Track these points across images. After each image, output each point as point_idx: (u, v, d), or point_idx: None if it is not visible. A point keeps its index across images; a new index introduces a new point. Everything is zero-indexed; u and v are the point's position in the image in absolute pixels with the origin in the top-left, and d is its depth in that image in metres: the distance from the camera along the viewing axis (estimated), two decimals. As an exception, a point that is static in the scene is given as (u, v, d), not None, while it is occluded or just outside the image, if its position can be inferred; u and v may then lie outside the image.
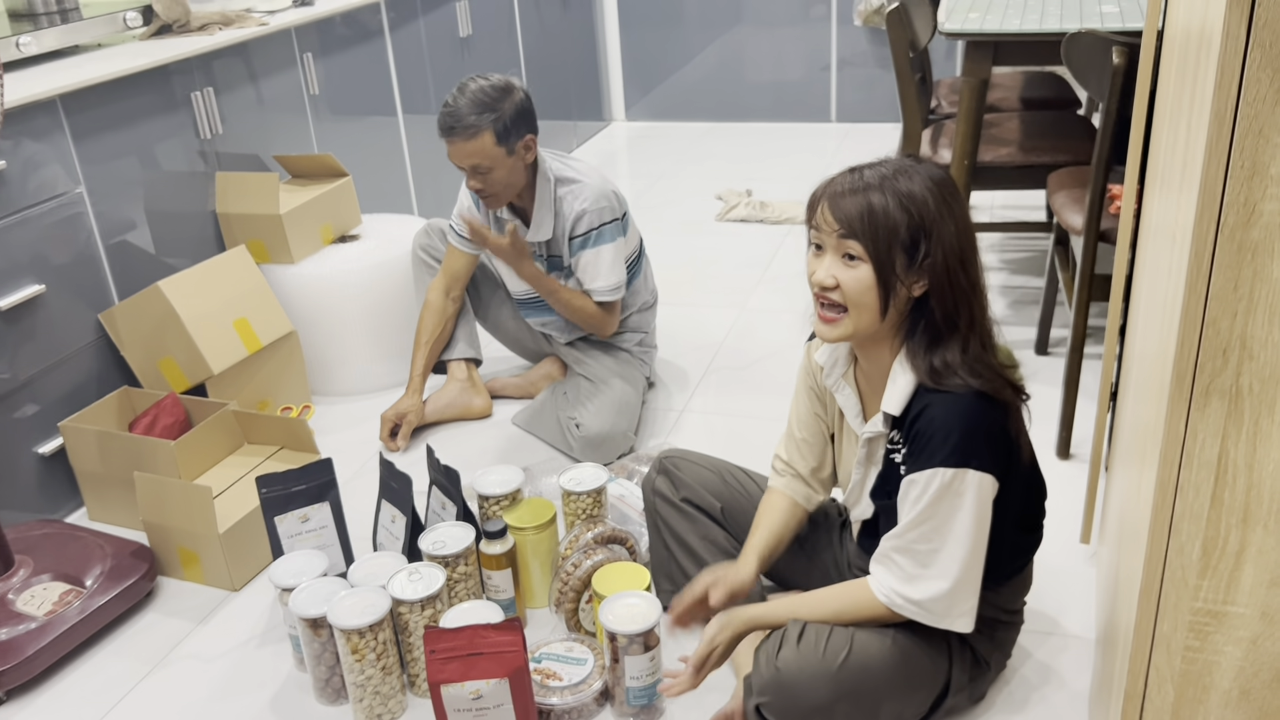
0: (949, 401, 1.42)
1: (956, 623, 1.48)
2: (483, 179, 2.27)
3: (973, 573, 1.47)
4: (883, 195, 1.40)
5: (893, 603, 1.49)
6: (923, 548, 1.46)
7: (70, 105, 2.30)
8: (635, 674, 1.64)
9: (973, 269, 1.45)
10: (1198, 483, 1.05)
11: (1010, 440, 1.46)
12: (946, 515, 1.43)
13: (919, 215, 1.40)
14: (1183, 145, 1.13)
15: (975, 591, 1.48)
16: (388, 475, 2.00)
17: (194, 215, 2.67)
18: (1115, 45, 1.99)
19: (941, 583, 1.46)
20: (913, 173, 1.43)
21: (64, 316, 2.32)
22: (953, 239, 1.41)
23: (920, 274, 1.42)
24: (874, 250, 1.40)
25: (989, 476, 1.43)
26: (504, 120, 2.23)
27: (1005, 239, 3.53)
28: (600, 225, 2.37)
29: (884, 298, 1.43)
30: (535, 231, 2.40)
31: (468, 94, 2.22)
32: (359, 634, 1.66)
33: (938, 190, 1.41)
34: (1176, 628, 1.12)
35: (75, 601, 1.95)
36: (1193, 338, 0.99)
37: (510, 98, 2.25)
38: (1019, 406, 1.49)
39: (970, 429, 1.41)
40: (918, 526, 1.45)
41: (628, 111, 5.35)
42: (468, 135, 2.21)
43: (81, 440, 2.25)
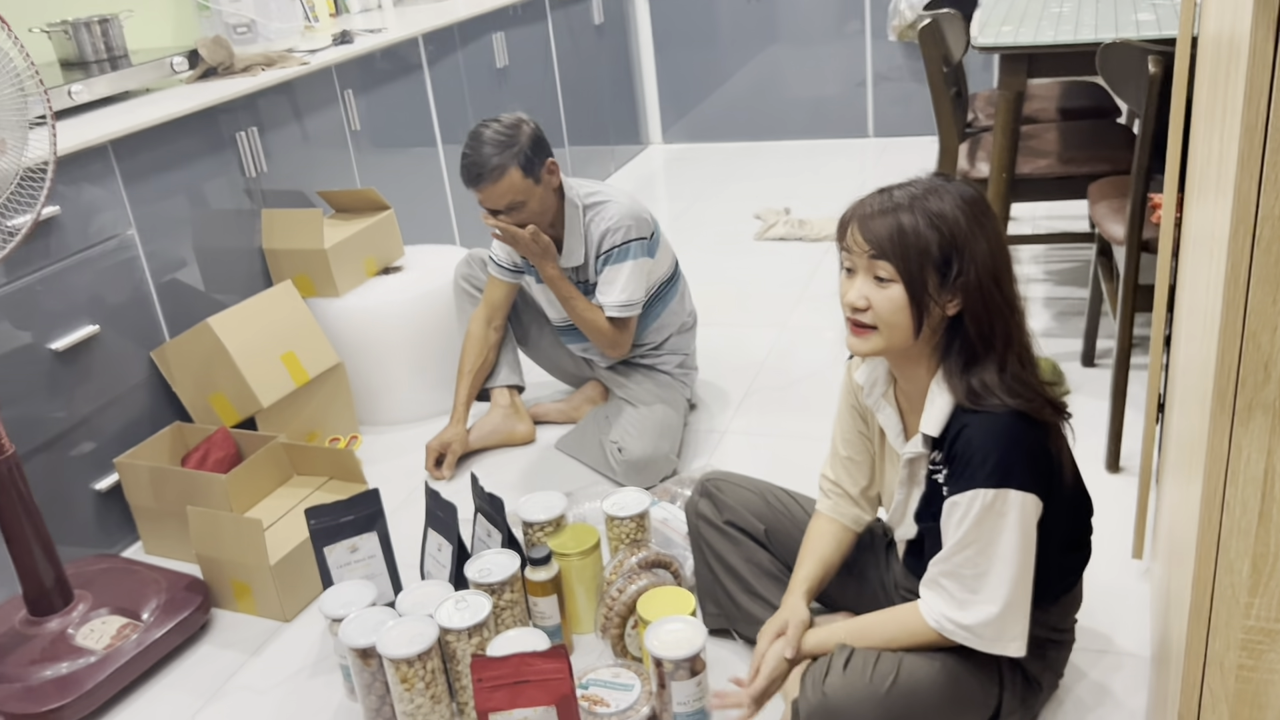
0: (987, 421, 1.41)
1: (1009, 647, 1.47)
2: (517, 216, 2.30)
3: (1021, 595, 1.45)
4: (913, 215, 1.40)
5: (943, 628, 1.48)
6: (969, 572, 1.45)
7: (121, 150, 2.37)
8: (682, 699, 1.64)
9: (1008, 286, 1.44)
10: (1244, 499, 1.03)
11: (1051, 459, 1.45)
12: (990, 537, 1.42)
13: (950, 234, 1.40)
14: (1217, 155, 1.12)
15: (1025, 614, 1.46)
16: (433, 504, 2.02)
17: (241, 252, 2.73)
18: (1151, 54, 1.97)
19: (991, 607, 1.44)
20: (943, 192, 1.42)
21: (117, 355, 2.38)
22: (986, 257, 1.41)
23: (953, 293, 1.41)
24: (905, 270, 1.40)
25: (1031, 496, 1.41)
26: (524, 152, 2.26)
27: (1048, 250, 3.49)
28: (624, 243, 2.39)
29: (917, 317, 1.42)
30: (567, 258, 2.43)
31: (484, 140, 2.26)
32: (408, 663, 1.67)
33: (969, 208, 1.41)
34: (1229, 646, 1.10)
35: (132, 635, 1.99)
36: (1233, 352, 0.98)
37: (523, 130, 2.28)
38: (1059, 425, 1.47)
39: (1009, 449, 1.40)
40: (963, 550, 1.44)
41: (664, 134, 5.38)
42: (496, 176, 2.24)
43: (136, 476, 2.31)
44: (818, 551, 1.71)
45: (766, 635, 1.63)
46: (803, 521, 1.84)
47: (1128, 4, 2.70)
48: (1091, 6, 2.72)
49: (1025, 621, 1.47)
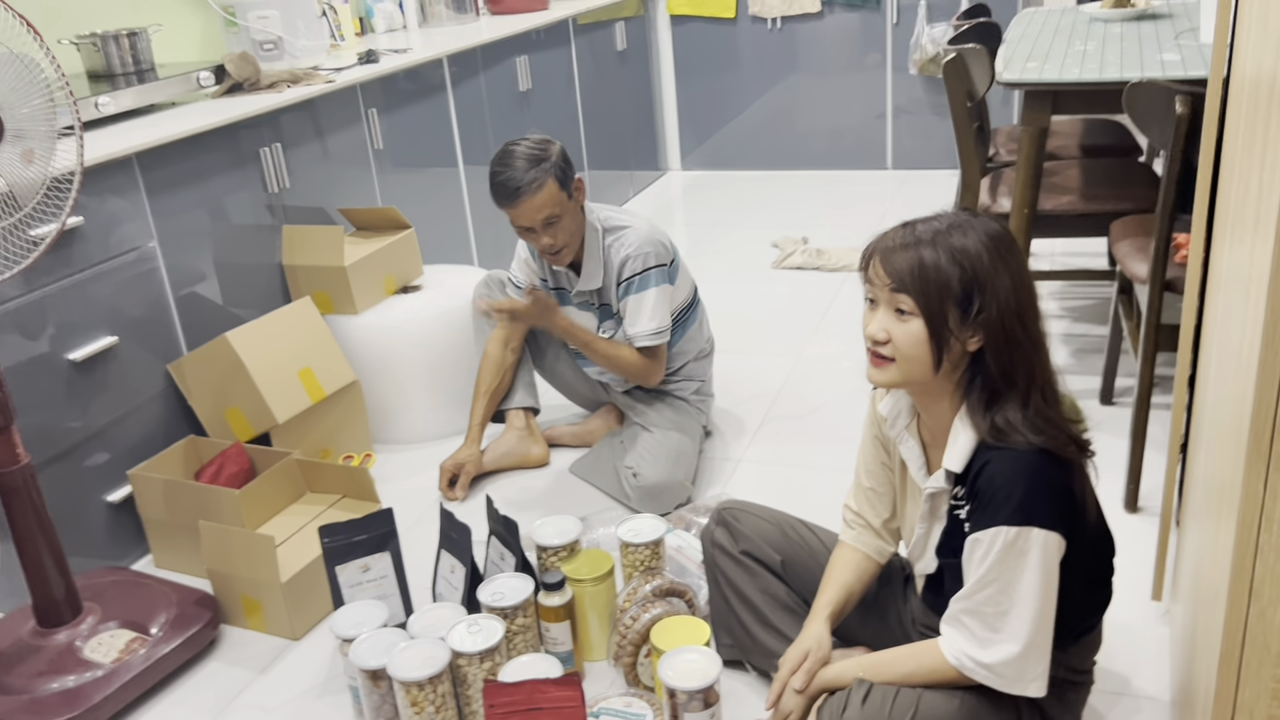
0: (1011, 459, 1.40)
1: (1030, 688, 1.45)
2: (553, 231, 2.30)
3: (1043, 635, 1.43)
4: (935, 250, 1.40)
5: (964, 666, 1.47)
6: (990, 610, 1.43)
7: (146, 162, 2.38)
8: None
9: (1032, 323, 1.43)
10: (1278, 545, 1.01)
11: (1074, 498, 1.43)
12: (1012, 576, 1.41)
13: (972, 269, 1.39)
14: (1255, 194, 1.11)
15: (1046, 655, 1.45)
16: (447, 525, 2.01)
17: (261, 267, 2.73)
18: (1179, 94, 1.97)
19: (1013, 646, 1.42)
20: (968, 227, 1.42)
21: (135, 367, 2.38)
22: (1008, 293, 1.40)
23: (975, 329, 1.41)
24: (925, 304, 1.40)
25: (1054, 535, 1.40)
26: (559, 165, 2.28)
27: (1066, 287, 3.48)
28: (644, 270, 2.38)
29: (937, 351, 1.42)
30: (586, 281, 2.43)
31: (516, 155, 2.26)
32: (418, 686, 1.66)
33: (992, 244, 1.40)
34: (1259, 696, 1.08)
35: (141, 649, 1.98)
36: (1270, 395, 0.97)
37: (554, 146, 2.31)
38: (1083, 463, 1.46)
39: (1033, 486, 1.39)
40: (985, 588, 1.43)
41: (683, 161, 5.39)
42: (535, 189, 2.24)
43: (149, 489, 2.30)
44: (841, 578, 1.69)
45: (788, 663, 1.62)
46: (820, 554, 1.83)
47: (1153, 44, 2.70)
48: (1116, 46, 2.72)
49: (1046, 662, 1.45)
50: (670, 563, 2.07)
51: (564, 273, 2.49)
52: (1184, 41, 2.69)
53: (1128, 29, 2.96)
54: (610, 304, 2.47)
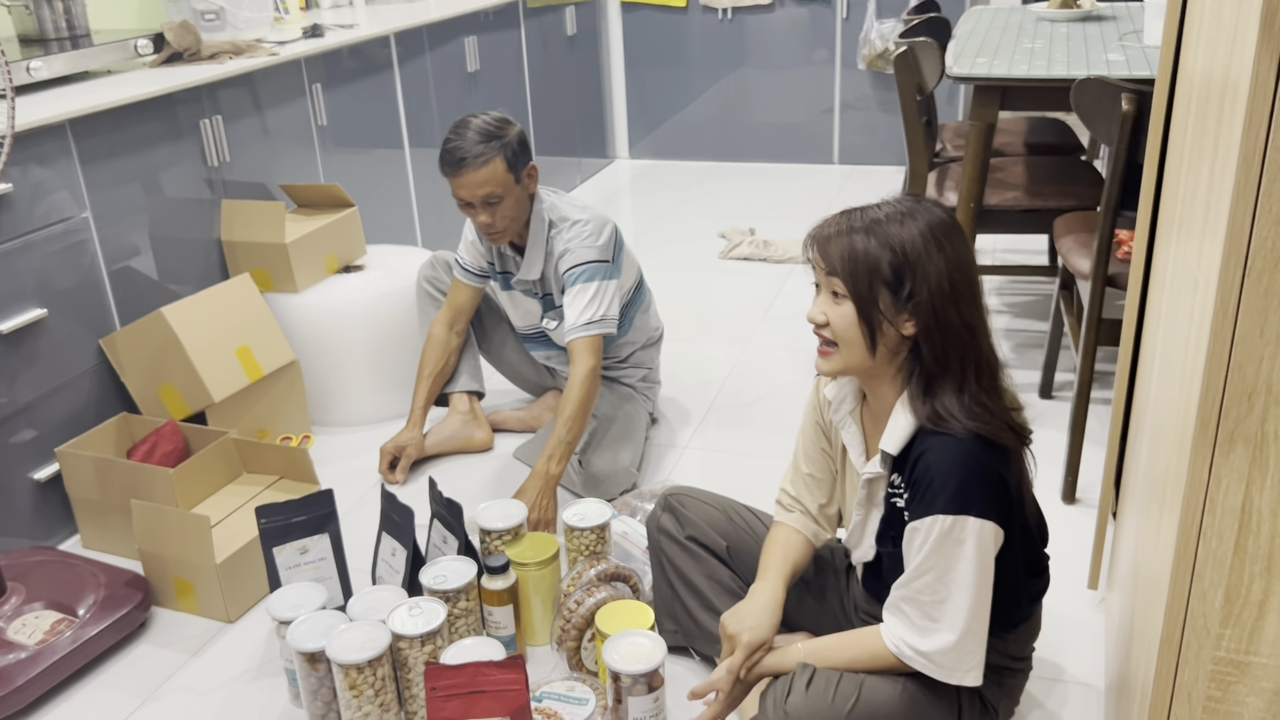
0: (948, 446, 1.41)
1: (966, 677, 1.46)
2: (493, 211, 2.26)
3: (979, 624, 1.45)
4: (867, 235, 1.42)
5: (902, 653, 1.48)
6: (928, 598, 1.44)
7: (79, 130, 2.30)
8: (639, 715, 1.61)
9: (968, 309, 1.43)
10: (1221, 530, 1.03)
11: (1010, 487, 1.45)
12: (948, 564, 1.42)
13: (903, 253, 1.40)
14: (1205, 190, 1.13)
15: (983, 644, 1.46)
16: (389, 508, 1.97)
17: (199, 242, 2.66)
18: (1125, 92, 2.00)
19: (949, 635, 1.44)
20: (909, 215, 1.42)
21: (65, 341, 2.31)
22: (941, 278, 1.40)
23: (908, 312, 1.42)
24: (853, 286, 1.42)
25: (990, 524, 1.41)
26: (512, 147, 2.24)
27: (1007, 283, 3.53)
28: (582, 264, 2.32)
29: (869, 335, 1.43)
30: (527, 269, 2.40)
31: (471, 128, 2.23)
32: (358, 669, 1.63)
33: (929, 230, 1.41)
34: (1198, 678, 1.10)
35: (67, 631, 1.91)
36: (1217, 383, 0.98)
37: (512, 128, 2.26)
38: (1020, 450, 1.47)
39: (968, 476, 1.40)
40: (922, 576, 1.44)
41: (631, 149, 5.38)
42: (480, 164, 2.20)
43: (78, 467, 2.23)
44: (783, 550, 1.68)
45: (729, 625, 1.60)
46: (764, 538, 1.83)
47: (1098, 44, 2.74)
48: (1063, 44, 2.76)
49: (982, 651, 1.46)
50: (615, 548, 2.06)
51: (510, 257, 2.46)
52: (1128, 43, 2.74)
53: (1074, 29, 3.01)
54: (552, 295, 2.44)
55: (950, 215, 1.46)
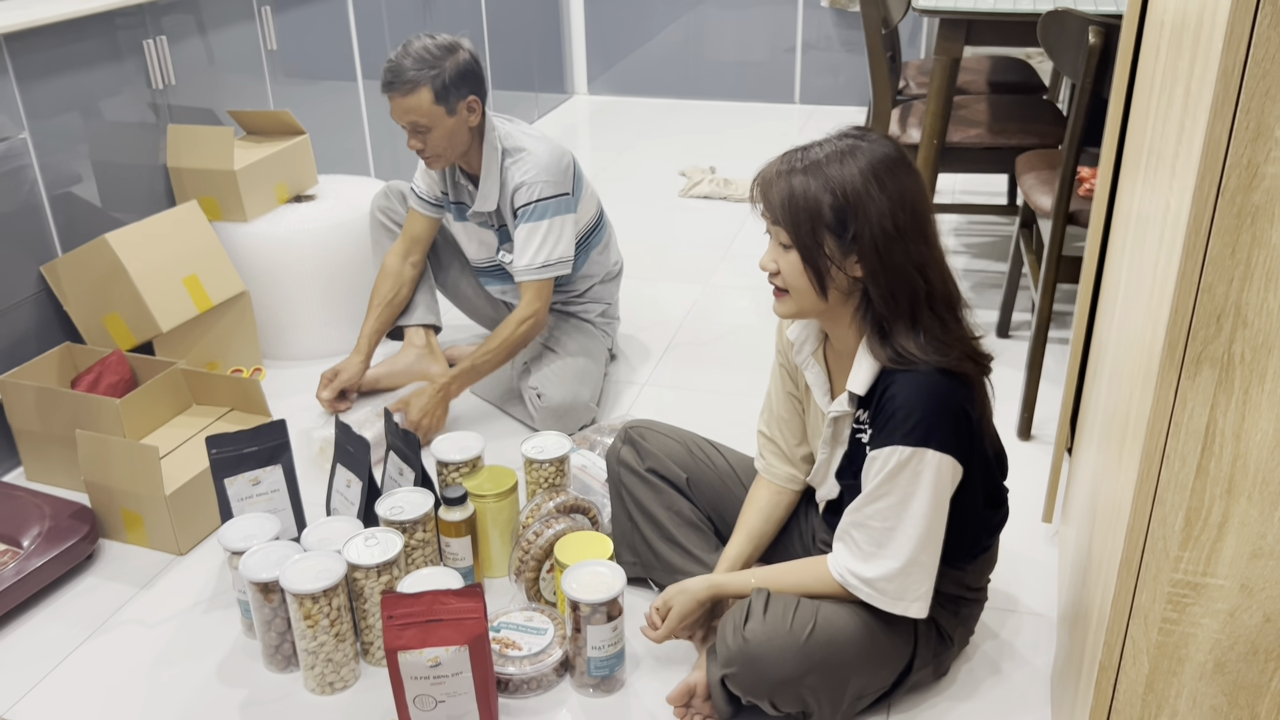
0: (912, 381, 1.41)
1: (911, 607, 1.46)
2: (421, 139, 2.22)
3: (928, 555, 1.45)
4: (806, 178, 1.39)
5: (846, 581, 1.48)
6: (878, 524, 1.44)
7: (15, 47, 2.20)
8: (597, 644, 1.61)
9: (916, 246, 1.40)
10: (1184, 452, 1.03)
11: (972, 420, 1.44)
12: (904, 494, 1.42)
13: (843, 195, 1.37)
14: (1179, 113, 1.12)
15: (931, 576, 1.46)
16: (344, 438, 1.94)
17: (143, 168, 2.57)
18: (1092, 25, 1.98)
19: (893, 562, 1.44)
20: (850, 154, 1.39)
21: (3, 267, 2.22)
22: (883, 217, 1.37)
23: (856, 255, 1.40)
24: (796, 235, 1.41)
25: (949, 458, 1.41)
26: (443, 78, 2.17)
27: (965, 223, 3.54)
28: (537, 200, 2.28)
29: (817, 281, 1.42)
30: (482, 201, 2.35)
31: (411, 51, 2.18)
32: (312, 599, 1.60)
33: (871, 168, 1.38)
34: (1155, 599, 1.11)
35: (11, 563, 1.87)
36: (1187, 303, 0.98)
37: (453, 57, 2.19)
38: (981, 380, 1.47)
39: (932, 408, 1.39)
40: (874, 502, 1.44)
41: (590, 85, 5.29)
42: (405, 91, 2.16)
43: (20, 397, 2.16)
44: (749, 525, 1.70)
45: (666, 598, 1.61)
46: (725, 472, 1.83)
47: (1064, -20, 2.72)
48: (1029, -20, 2.73)
49: (929, 583, 1.46)
50: (574, 481, 2.04)
51: (464, 187, 2.40)
52: (1094, -20, 2.71)
53: (1039, -34, 2.98)
54: (508, 226, 2.39)
55: (895, 148, 1.42)
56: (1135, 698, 1.17)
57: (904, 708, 1.63)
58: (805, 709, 1.51)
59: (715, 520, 1.80)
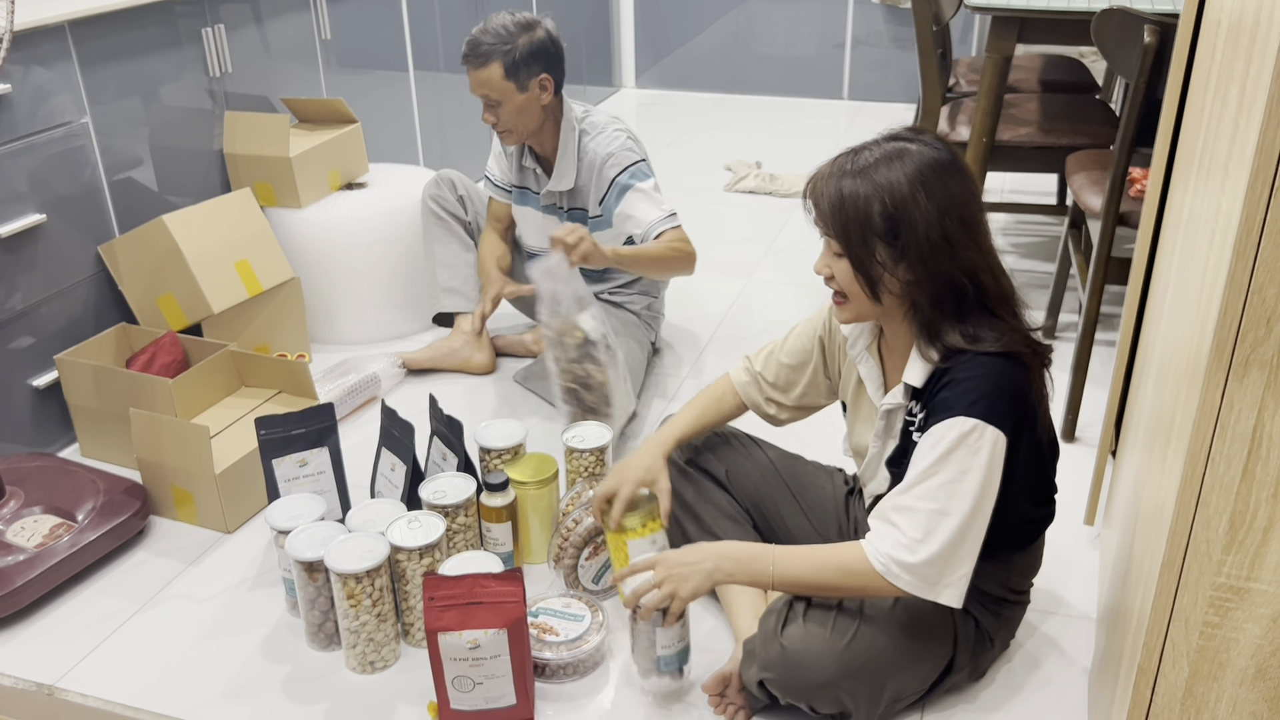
0: (972, 362, 1.40)
1: (944, 594, 1.40)
2: (493, 112, 2.28)
3: (971, 540, 1.39)
4: (855, 183, 1.39)
5: (888, 570, 1.39)
6: (926, 506, 1.38)
7: (79, 33, 2.25)
8: (666, 643, 1.58)
9: (966, 251, 1.39)
10: (1230, 455, 1.03)
11: (1029, 404, 1.43)
12: (958, 471, 1.37)
13: (891, 203, 1.37)
14: (1233, 113, 1.11)
15: (970, 562, 1.40)
16: (389, 423, 1.97)
17: (200, 154, 2.62)
18: (1148, 24, 1.96)
19: (937, 546, 1.37)
20: (898, 157, 1.38)
21: (64, 248, 2.28)
22: (930, 227, 1.36)
23: (906, 262, 1.39)
24: (848, 246, 1.41)
25: (1004, 437, 1.38)
26: (515, 54, 2.21)
27: (1014, 223, 3.50)
28: (635, 162, 2.32)
29: (869, 288, 1.42)
30: (557, 180, 2.38)
31: (491, 24, 2.24)
32: (356, 579, 1.63)
33: (918, 173, 1.37)
34: (1197, 603, 1.10)
35: (66, 535, 1.92)
36: (1236, 305, 0.97)
37: (528, 34, 2.24)
38: (1040, 368, 1.46)
39: (993, 385, 1.38)
40: (924, 480, 1.38)
41: (638, 78, 5.30)
42: (478, 64, 2.22)
43: (77, 374, 2.22)
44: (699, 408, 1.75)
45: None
46: (764, 465, 1.83)
47: (1120, -21, 2.68)
48: (1084, -22, 2.70)
49: (967, 570, 1.40)
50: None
51: (530, 170, 2.43)
52: (1151, -21, 2.68)
53: (1095, -36, 2.94)
54: (584, 208, 2.41)
55: (946, 151, 1.41)
56: (1174, 701, 1.16)
57: (939, 708, 1.63)
58: (843, 710, 1.51)
59: (754, 514, 1.81)
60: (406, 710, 1.64)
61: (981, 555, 1.45)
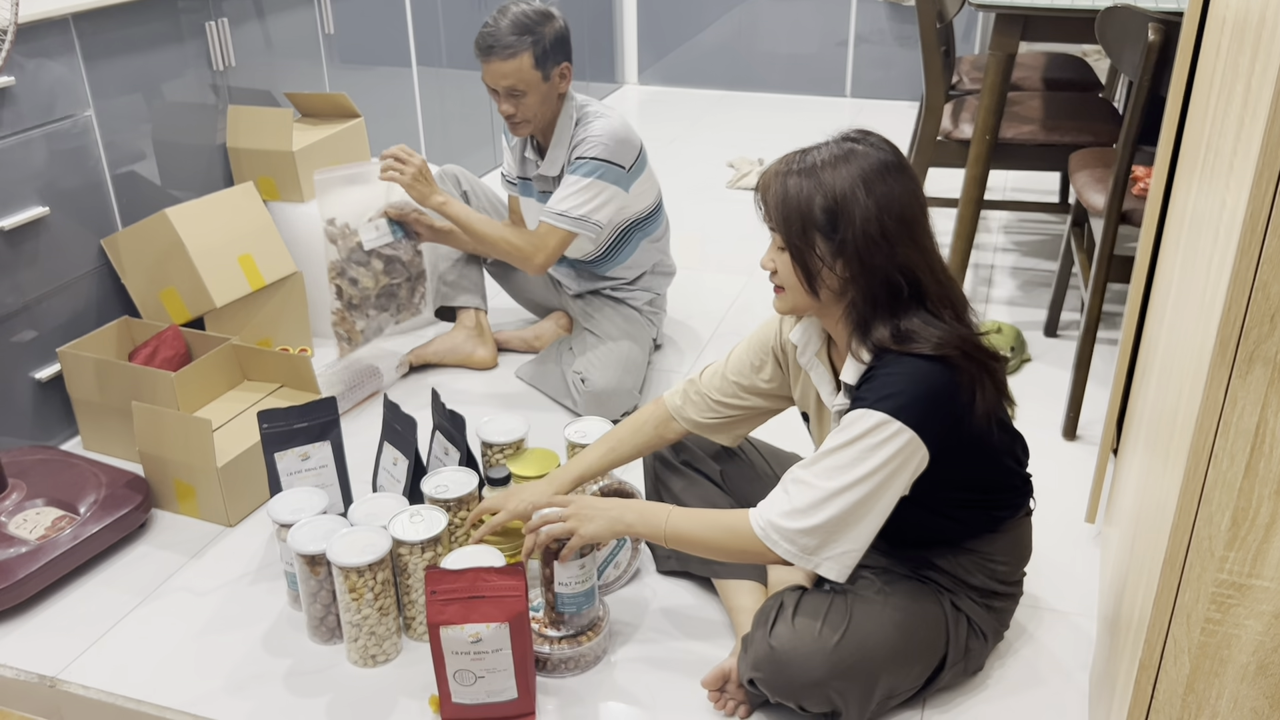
0: (895, 361, 1.40)
1: (824, 565, 1.40)
2: (515, 103, 2.27)
3: (861, 524, 1.39)
4: (800, 180, 1.41)
5: (765, 535, 1.41)
6: (820, 483, 1.39)
7: (83, 26, 2.25)
8: (565, 580, 1.63)
9: (904, 250, 1.39)
10: (1233, 451, 1.03)
11: (955, 405, 1.40)
12: (856, 456, 1.37)
13: (833, 198, 1.39)
14: (1239, 110, 1.11)
15: (857, 544, 1.40)
16: (392, 417, 1.97)
17: (202, 148, 2.62)
18: (1152, 22, 1.96)
19: (820, 518, 1.38)
20: (845, 157, 1.40)
21: (67, 241, 2.28)
22: (868, 222, 1.38)
23: (844, 258, 1.40)
24: (788, 237, 1.43)
25: (915, 438, 1.37)
26: (543, 44, 2.22)
27: (1015, 221, 3.50)
28: (590, 157, 2.30)
29: (806, 281, 1.44)
30: (548, 166, 2.39)
31: (509, 15, 2.23)
32: (358, 573, 1.64)
33: (861, 173, 1.39)
34: (1199, 599, 1.10)
35: (68, 528, 1.92)
36: (1240, 302, 0.97)
37: (551, 23, 2.25)
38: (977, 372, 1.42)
39: (909, 384, 1.38)
40: (824, 459, 1.40)
41: (640, 75, 5.29)
42: (506, 55, 2.21)
43: (80, 368, 2.22)
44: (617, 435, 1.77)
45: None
46: (760, 466, 1.83)
47: (1124, -23, 2.68)
48: (1088, -24, 2.70)
49: (856, 551, 1.40)
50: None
51: (531, 160, 2.44)
52: (1155, -23, 2.68)
53: (1099, -38, 2.94)
54: None
55: (892, 153, 1.44)
56: (1175, 698, 1.16)
57: (940, 706, 1.63)
58: (833, 709, 1.51)
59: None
60: (408, 703, 1.64)
61: (956, 549, 1.52)
